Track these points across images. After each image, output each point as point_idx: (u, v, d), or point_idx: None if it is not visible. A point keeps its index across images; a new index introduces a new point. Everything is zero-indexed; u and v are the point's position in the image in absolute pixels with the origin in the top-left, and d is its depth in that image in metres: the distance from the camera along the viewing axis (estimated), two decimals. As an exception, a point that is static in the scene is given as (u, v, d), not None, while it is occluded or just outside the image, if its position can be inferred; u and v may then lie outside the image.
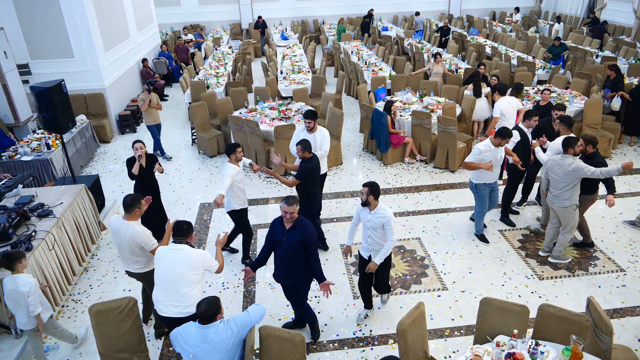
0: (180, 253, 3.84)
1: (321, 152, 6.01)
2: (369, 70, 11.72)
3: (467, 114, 8.83)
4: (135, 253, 4.40)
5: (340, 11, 20.02)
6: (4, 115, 8.52)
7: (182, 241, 3.89)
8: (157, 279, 3.90)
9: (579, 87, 9.64)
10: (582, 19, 17.84)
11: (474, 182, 5.95)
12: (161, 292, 3.87)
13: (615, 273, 5.53)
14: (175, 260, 3.82)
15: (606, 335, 3.49)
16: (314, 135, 6.06)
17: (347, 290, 5.42)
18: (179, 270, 3.80)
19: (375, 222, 4.39)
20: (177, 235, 3.89)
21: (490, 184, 5.91)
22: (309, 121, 6.02)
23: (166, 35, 17.68)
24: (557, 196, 5.33)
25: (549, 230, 5.74)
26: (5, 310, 4.59)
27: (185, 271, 3.80)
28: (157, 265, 3.91)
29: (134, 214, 4.38)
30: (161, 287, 3.86)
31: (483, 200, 6.02)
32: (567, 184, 5.19)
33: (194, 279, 3.85)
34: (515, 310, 3.70)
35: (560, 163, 5.22)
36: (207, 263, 3.93)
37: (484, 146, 5.63)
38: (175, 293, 3.81)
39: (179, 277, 3.79)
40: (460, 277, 5.55)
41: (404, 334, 3.54)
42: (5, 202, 5.73)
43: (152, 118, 8.58)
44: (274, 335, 3.56)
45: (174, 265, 3.81)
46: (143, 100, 8.41)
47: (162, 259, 3.88)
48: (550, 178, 5.39)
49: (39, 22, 9.09)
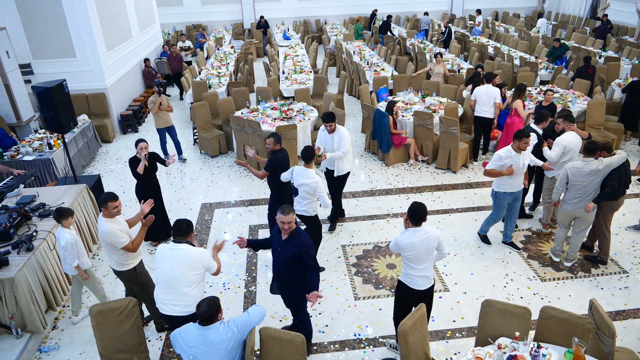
0: (181, 252, 3.82)
1: (339, 152, 6.01)
2: (371, 71, 11.70)
3: (470, 114, 8.79)
4: (109, 249, 4.42)
5: (343, 11, 20.03)
6: (6, 115, 8.53)
7: (182, 240, 3.87)
8: (158, 278, 3.89)
9: (581, 87, 9.60)
10: (584, 19, 17.77)
11: (494, 190, 5.67)
12: (162, 291, 3.86)
13: (618, 275, 5.49)
14: (176, 259, 3.80)
15: (609, 337, 3.46)
16: (332, 136, 6.10)
17: (348, 291, 5.40)
18: (180, 270, 3.78)
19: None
20: (177, 235, 3.87)
21: (513, 192, 5.58)
22: (330, 124, 6.03)
23: (168, 35, 17.69)
24: (582, 200, 5.21)
25: (577, 237, 5.51)
26: (6, 310, 4.60)
27: (186, 270, 3.79)
28: (157, 265, 3.89)
29: (108, 212, 4.35)
30: (162, 286, 3.85)
31: (499, 210, 5.76)
32: (597, 184, 5.13)
33: (195, 279, 3.84)
34: (517, 313, 3.68)
35: (586, 168, 5.05)
36: (207, 262, 3.91)
37: (505, 152, 5.39)
38: (175, 292, 3.80)
39: (179, 276, 3.78)
40: (462, 279, 5.53)
41: (405, 336, 3.52)
42: (6, 202, 5.74)
43: (162, 121, 8.35)
44: (275, 337, 3.55)
45: (175, 264, 3.79)
46: (153, 102, 8.12)
47: (162, 257, 3.87)
48: (574, 186, 5.18)
49: (41, 21, 9.10)
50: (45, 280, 5.00)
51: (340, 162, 6.13)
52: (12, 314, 4.61)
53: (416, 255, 3.92)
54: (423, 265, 3.98)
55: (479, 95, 7.88)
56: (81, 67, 9.60)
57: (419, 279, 4.03)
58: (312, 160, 5.26)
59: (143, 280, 4.72)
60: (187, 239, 3.89)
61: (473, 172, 8.07)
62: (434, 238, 3.96)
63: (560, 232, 5.64)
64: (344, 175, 6.28)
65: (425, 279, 4.05)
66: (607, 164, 5.08)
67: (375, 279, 5.57)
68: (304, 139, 8.37)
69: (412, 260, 3.97)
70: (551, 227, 6.37)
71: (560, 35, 15.75)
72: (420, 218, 3.89)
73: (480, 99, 7.88)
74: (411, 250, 3.91)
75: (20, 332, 4.66)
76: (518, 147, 5.29)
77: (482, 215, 6.73)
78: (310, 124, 8.54)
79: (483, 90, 7.86)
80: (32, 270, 4.77)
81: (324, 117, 6.07)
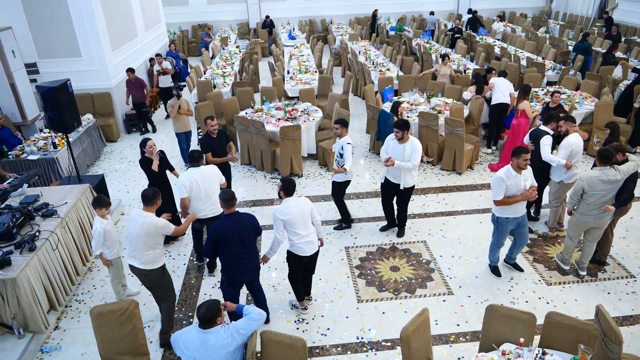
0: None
1: (409, 163, 5.64)
2: (376, 71, 11.65)
3: (475, 115, 8.72)
4: (147, 244, 4.38)
5: (348, 11, 19.98)
6: (12, 114, 8.56)
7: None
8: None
9: (589, 88, 9.50)
10: (592, 19, 17.62)
11: (495, 215, 5.17)
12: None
13: (625, 279, 5.42)
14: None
15: (615, 344, 3.40)
16: (403, 146, 5.69)
17: (351, 293, 5.36)
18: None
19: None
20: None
21: (516, 218, 5.10)
22: (397, 130, 5.63)
23: (174, 34, 17.72)
24: (599, 207, 5.03)
25: (591, 245, 5.37)
26: (8, 310, 4.59)
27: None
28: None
29: (154, 207, 4.44)
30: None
31: (501, 236, 5.29)
32: (614, 194, 5.00)
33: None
34: (521, 318, 3.63)
35: (603, 177, 4.87)
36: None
37: (504, 173, 4.90)
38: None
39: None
40: (466, 282, 5.47)
41: (407, 341, 3.48)
42: (10, 202, 5.75)
43: (181, 125, 8.14)
44: (276, 341, 3.52)
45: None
46: (172, 106, 7.91)
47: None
48: (593, 196, 4.95)
49: (47, 21, 9.13)
50: (48, 281, 5.00)
51: (408, 174, 5.79)
52: (14, 314, 4.61)
53: (293, 219, 4.53)
54: (304, 231, 4.62)
55: (499, 83, 8.28)
56: (86, 67, 9.62)
57: (303, 245, 4.67)
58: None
59: (169, 280, 4.72)
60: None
61: (478, 173, 8.01)
62: (305, 203, 4.65)
63: (571, 242, 5.43)
64: (410, 189, 5.93)
65: (309, 244, 4.69)
66: (625, 173, 4.92)
67: (379, 281, 5.52)
68: (308, 140, 8.33)
69: (292, 226, 4.56)
70: (557, 230, 6.29)
71: (568, 36, 15.63)
72: (292, 189, 4.61)
73: (499, 87, 8.26)
74: (288, 214, 4.52)
75: (22, 332, 4.66)
76: (517, 165, 4.83)
77: (487, 218, 6.66)
78: (315, 124, 8.49)
79: (501, 80, 8.34)
80: (34, 271, 4.77)
81: (396, 124, 5.65)
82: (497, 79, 8.37)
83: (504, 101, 8.27)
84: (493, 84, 8.33)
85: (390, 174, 5.94)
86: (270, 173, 8.24)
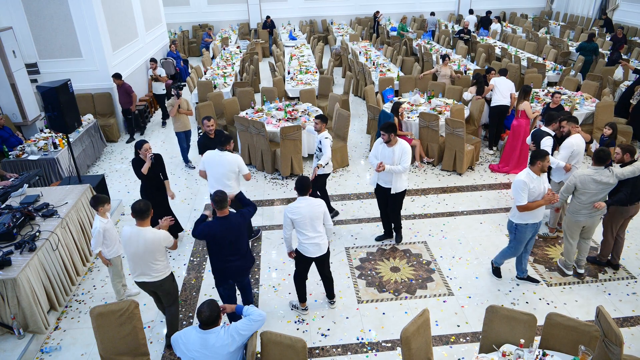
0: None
1: (400, 167, 5.51)
2: (376, 71, 11.65)
3: (476, 116, 8.72)
4: (155, 257, 4.31)
5: (349, 11, 19.98)
6: (12, 114, 8.57)
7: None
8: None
9: (589, 89, 9.50)
10: (593, 20, 17.61)
11: (514, 222, 4.98)
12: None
13: (626, 280, 5.41)
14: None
15: (616, 346, 3.39)
16: (392, 149, 5.56)
17: (351, 294, 5.36)
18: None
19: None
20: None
21: (535, 223, 4.97)
22: (384, 133, 5.51)
23: (175, 34, 17.73)
24: (589, 206, 5.03)
25: (587, 243, 5.38)
26: (8, 310, 4.59)
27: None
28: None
29: (148, 219, 4.30)
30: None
31: (519, 244, 5.09)
32: (605, 194, 5.00)
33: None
34: (522, 319, 3.63)
35: (596, 177, 4.88)
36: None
37: (526, 176, 4.72)
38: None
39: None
40: (467, 283, 5.47)
41: (407, 342, 3.47)
42: (10, 202, 5.75)
43: (181, 124, 8.18)
44: (276, 341, 3.51)
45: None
46: (172, 105, 7.95)
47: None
48: (584, 194, 4.97)
49: (47, 21, 9.13)
50: (48, 281, 5.00)
51: (398, 178, 5.67)
52: (15, 314, 4.61)
53: (302, 219, 4.51)
54: (312, 233, 4.59)
55: (499, 84, 8.25)
56: (87, 67, 9.62)
57: (310, 246, 4.65)
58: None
59: (176, 284, 4.71)
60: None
61: (479, 174, 8.00)
62: (317, 205, 4.58)
63: (570, 245, 5.39)
64: (402, 193, 5.81)
65: (315, 246, 4.66)
66: (619, 176, 4.90)
67: (379, 282, 5.52)
68: (309, 140, 8.33)
69: (301, 227, 4.56)
70: (558, 231, 6.28)
71: (569, 37, 15.62)
72: (305, 189, 4.56)
73: (499, 88, 8.25)
74: (297, 214, 4.51)
75: (23, 332, 4.66)
76: (541, 168, 4.71)
77: (487, 218, 6.68)
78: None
79: (501, 81, 8.30)
80: (34, 271, 4.77)
81: (382, 127, 5.52)
82: (498, 79, 8.37)
83: (503, 103, 8.28)
84: (493, 85, 8.33)
85: (382, 178, 5.81)
86: (270, 173, 8.24)
